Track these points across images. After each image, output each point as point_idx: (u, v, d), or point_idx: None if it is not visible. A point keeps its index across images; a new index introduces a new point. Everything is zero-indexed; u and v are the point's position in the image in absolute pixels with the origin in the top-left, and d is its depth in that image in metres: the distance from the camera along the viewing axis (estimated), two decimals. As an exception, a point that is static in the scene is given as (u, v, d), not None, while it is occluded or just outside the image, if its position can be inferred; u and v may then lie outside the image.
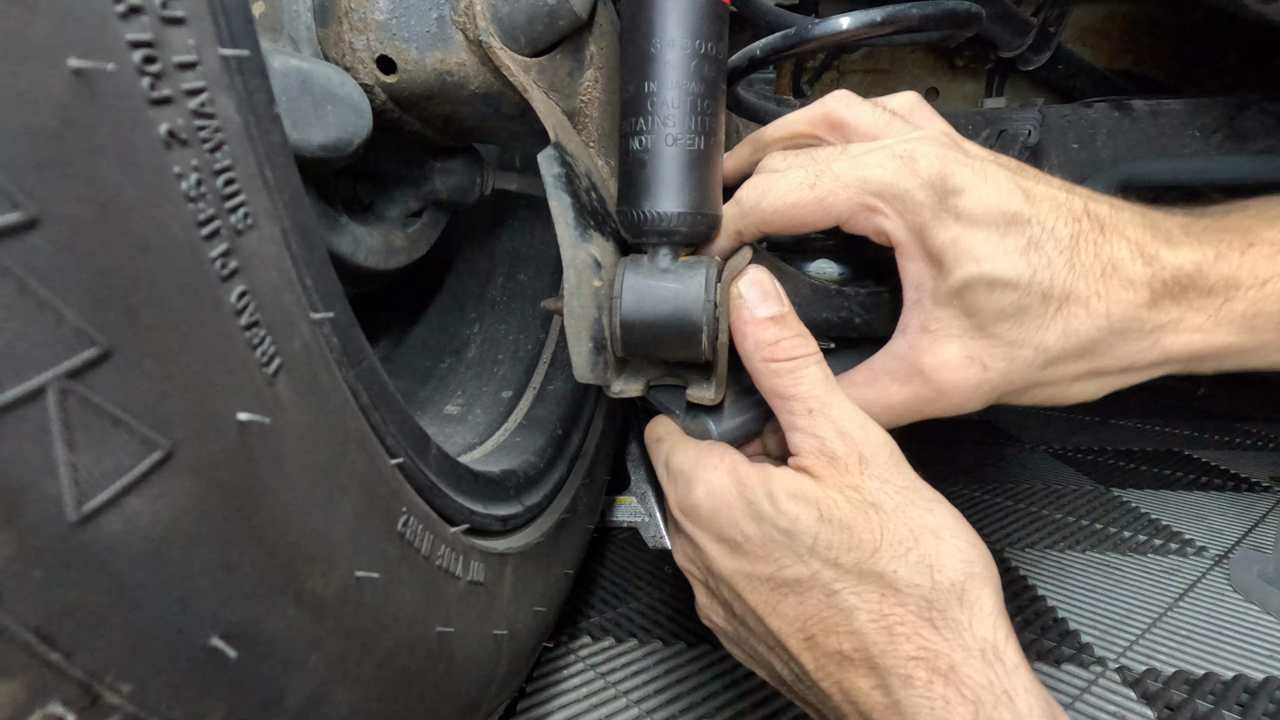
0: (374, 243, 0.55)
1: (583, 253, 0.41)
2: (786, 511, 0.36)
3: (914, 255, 0.36)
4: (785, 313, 0.38)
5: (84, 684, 0.21)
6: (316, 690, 0.30)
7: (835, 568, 0.34)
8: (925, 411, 0.38)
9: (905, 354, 0.37)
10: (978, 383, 0.36)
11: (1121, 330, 0.34)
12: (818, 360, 0.37)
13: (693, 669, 0.77)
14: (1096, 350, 0.35)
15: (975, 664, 0.32)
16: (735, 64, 0.51)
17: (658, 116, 0.38)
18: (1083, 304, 0.34)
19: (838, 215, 0.37)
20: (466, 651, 0.43)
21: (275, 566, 0.27)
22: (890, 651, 0.33)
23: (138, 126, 0.21)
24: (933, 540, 0.34)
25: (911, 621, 0.33)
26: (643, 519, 1.11)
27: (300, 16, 0.46)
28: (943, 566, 0.33)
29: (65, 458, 0.19)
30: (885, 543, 0.34)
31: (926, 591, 0.33)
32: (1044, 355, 0.35)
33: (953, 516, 0.35)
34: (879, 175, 0.36)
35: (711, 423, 0.42)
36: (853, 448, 0.36)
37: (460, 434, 0.67)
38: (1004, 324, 0.35)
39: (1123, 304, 0.34)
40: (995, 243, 0.34)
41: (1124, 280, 0.34)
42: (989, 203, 0.34)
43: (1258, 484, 1.40)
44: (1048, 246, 0.34)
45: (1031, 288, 0.34)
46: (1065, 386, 0.36)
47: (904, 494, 0.35)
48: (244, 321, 0.25)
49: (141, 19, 0.22)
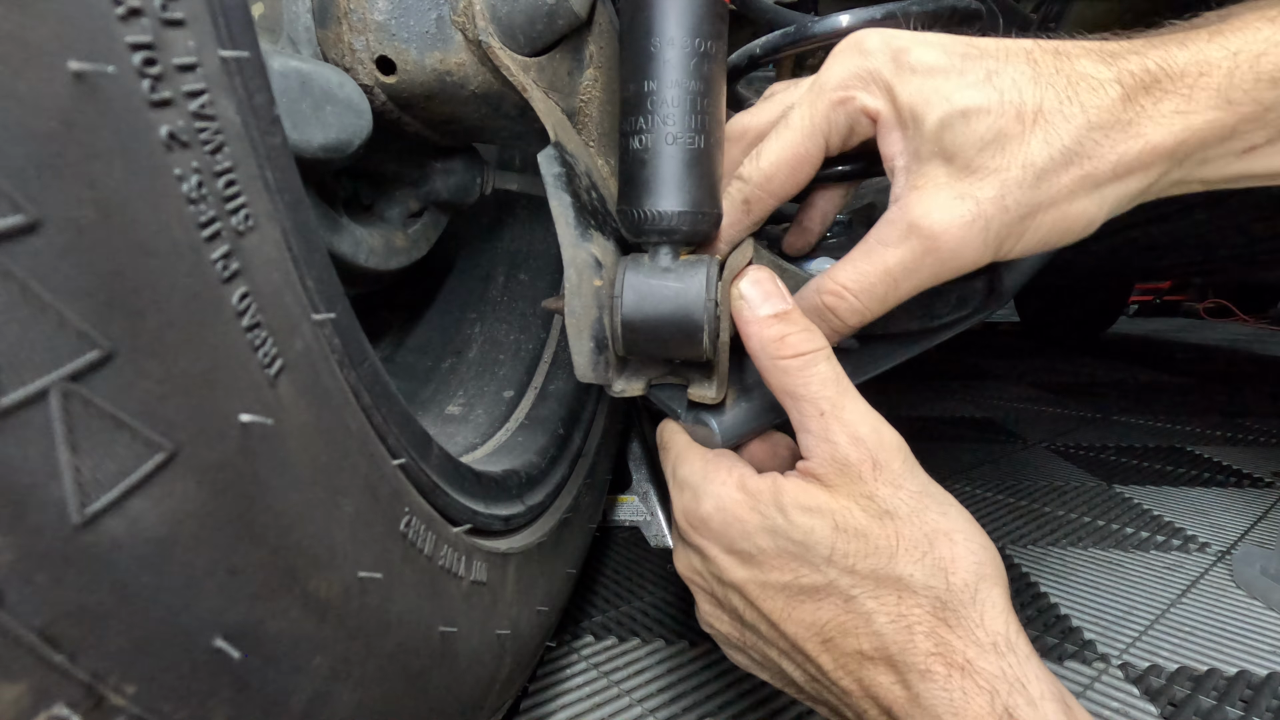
0: (375, 243, 0.55)
1: (583, 252, 0.41)
2: (800, 524, 0.36)
3: (892, 122, 0.37)
4: (789, 309, 0.38)
5: (88, 686, 0.21)
6: (320, 691, 0.30)
7: (852, 574, 0.35)
8: (924, 268, 0.36)
9: (895, 216, 0.37)
10: (972, 217, 0.35)
11: (1100, 125, 0.34)
12: (827, 356, 0.37)
13: (695, 668, 0.77)
14: (1082, 151, 0.34)
15: (989, 656, 0.33)
16: (735, 62, 0.51)
17: (658, 115, 0.38)
18: (1056, 111, 0.34)
19: (822, 131, 0.38)
20: (470, 651, 0.43)
21: (278, 568, 0.27)
22: (910, 649, 0.34)
23: (138, 129, 0.21)
24: (946, 543, 0.35)
25: (929, 620, 0.34)
26: (644, 518, 1.12)
27: (299, 18, 0.46)
28: (957, 568, 0.34)
29: (68, 460, 0.19)
30: (901, 548, 0.35)
31: (942, 592, 0.34)
32: (1032, 171, 0.34)
33: (964, 519, 0.36)
34: (835, 71, 0.38)
35: (713, 422, 0.42)
36: (866, 454, 0.36)
37: (462, 434, 0.68)
38: (985, 153, 0.34)
39: (1095, 101, 0.34)
40: (957, 79, 0.35)
41: (1091, 84, 0.34)
42: (938, 50, 0.36)
43: (1260, 479, 1.40)
44: (1007, 71, 0.35)
45: (1003, 109, 0.34)
46: (1065, 206, 0.35)
47: (917, 499, 0.36)
48: (246, 323, 0.25)
49: (141, 21, 0.22)
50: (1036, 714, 0.32)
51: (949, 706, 0.32)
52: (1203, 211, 1.18)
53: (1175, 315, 4.61)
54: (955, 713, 0.32)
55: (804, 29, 0.48)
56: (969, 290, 0.51)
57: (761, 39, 0.50)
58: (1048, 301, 3.36)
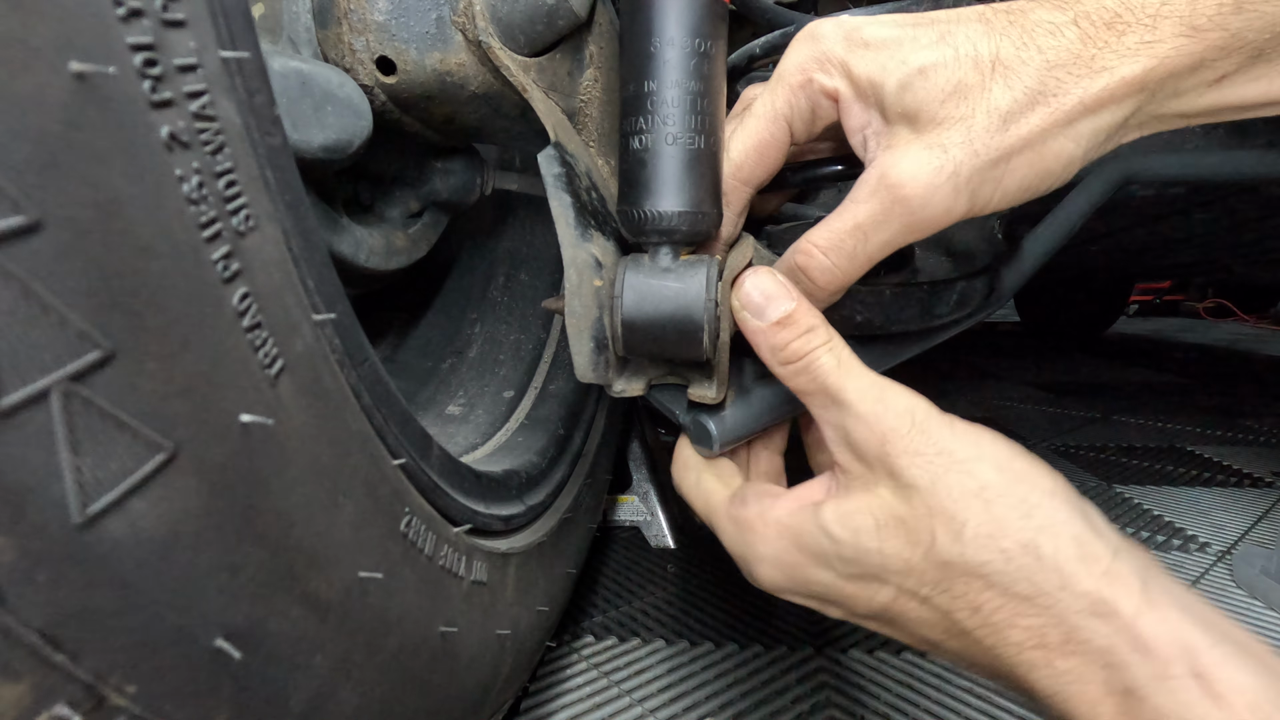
0: (375, 243, 0.55)
1: (583, 252, 0.41)
2: (845, 540, 0.34)
3: (851, 96, 0.37)
4: (790, 311, 0.37)
5: (89, 686, 0.21)
6: (321, 691, 0.30)
7: (912, 574, 0.33)
8: (893, 221, 0.35)
9: (867, 175, 0.36)
10: (939, 164, 0.34)
11: (1061, 64, 0.33)
12: (829, 349, 0.36)
13: (695, 668, 0.77)
14: (1046, 90, 0.33)
15: (1090, 625, 0.29)
16: (735, 62, 0.51)
17: (658, 116, 0.38)
18: (1014, 57, 0.34)
19: (785, 114, 0.38)
20: (470, 651, 0.43)
21: (279, 568, 0.27)
22: (1001, 643, 0.31)
23: (139, 129, 0.21)
24: (980, 506, 0.32)
25: (1006, 604, 0.31)
26: (645, 518, 1.12)
27: (299, 18, 0.46)
28: (1004, 531, 0.31)
29: (69, 460, 0.19)
30: (938, 526, 0.32)
31: (1000, 565, 0.31)
32: (997, 115, 0.34)
33: (994, 468, 0.33)
34: (792, 59, 0.38)
35: (713, 422, 0.42)
36: (873, 431, 0.34)
37: (462, 434, 0.68)
38: (949, 104, 0.34)
39: (1053, 44, 0.33)
40: (910, 43, 0.35)
41: (1048, 29, 0.34)
42: (888, 23, 0.36)
43: (1260, 479, 1.40)
44: (961, 29, 0.35)
45: (960, 61, 0.34)
46: (1039, 147, 0.34)
47: (936, 462, 0.33)
48: (246, 323, 0.25)
49: (142, 22, 0.22)
50: (1162, 691, 0.27)
51: (1064, 695, 0.29)
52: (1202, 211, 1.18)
53: (1175, 315, 4.61)
54: (1072, 700, 0.29)
55: (804, 29, 0.48)
56: (969, 290, 0.51)
57: (761, 39, 0.49)
58: (1048, 301, 3.36)
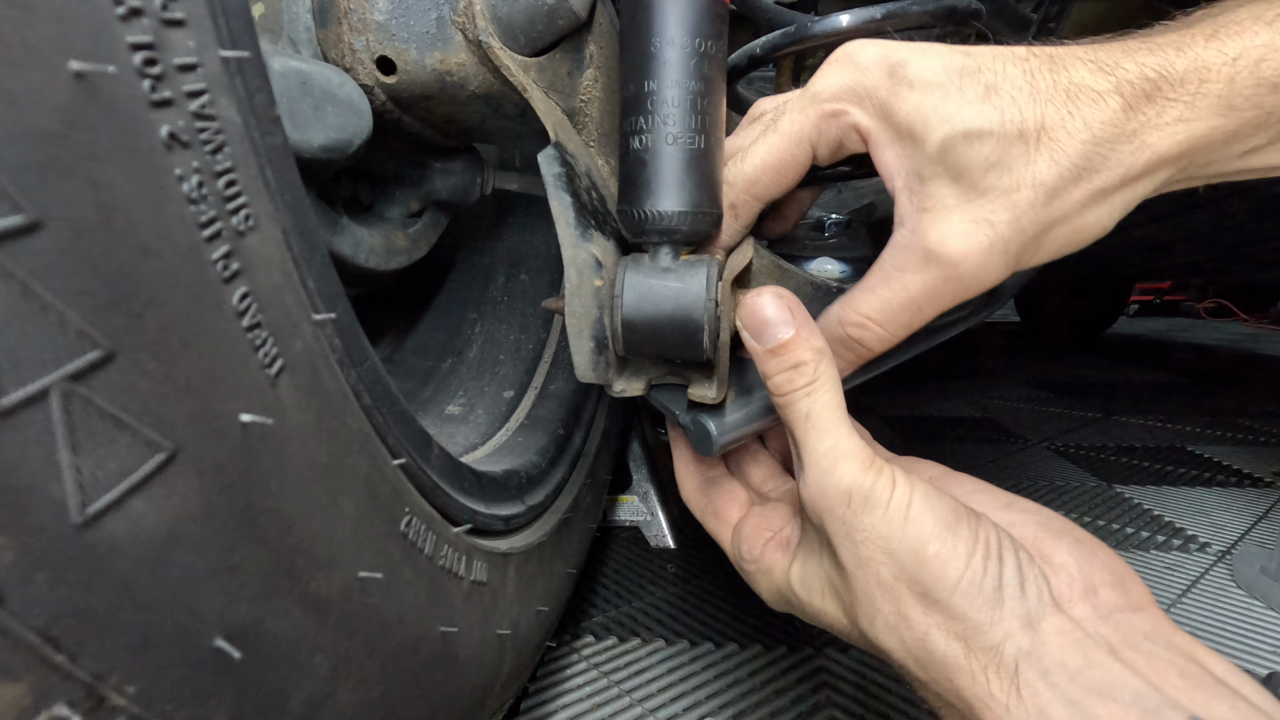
0: (375, 243, 0.55)
1: (584, 252, 0.41)
2: (804, 599, 0.39)
3: (887, 140, 0.36)
4: (783, 342, 0.36)
5: (89, 686, 0.21)
6: (321, 691, 0.30)
7: (851, 636, 0.37)
8: (947, 294, 0.36)
9: (910, 241, 0.36)
10: (990, 242, 0.35)
11: (1105, 139, 0.34)
12: (806, 394, 0.36)
13: (695, 668, 0.77)
14: (1090, 167, 0.34)
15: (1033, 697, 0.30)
16: (735, 62, 0.51)
17: (658, 115, 0.38)
18: (1059, 127, 0.34)
19: (809, 139, 0.38)
20: (470, 651, 0.43)
21: (279, 567, 0.27)
22: (935, 703, 0.34)
23: (139, 129, 0.21)
24: (890, 600, 0.33)
25: (918, 680, 0.34)
26: (645, 518, 1.12)
27: (299, 18, 0.46)
28: (907, 624, 0.33)
29: (69, 460, 0.19)
30: (860, 609, 0.35)
31: (902, 655, 0.34)
32: (1043, 190, 0.34)
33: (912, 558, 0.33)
34: (827, 83, 0.37)
35: (712, 422, 0.42)
36: (813, 504, 0.36)
37: (462, 434, 0.68)
38: (992, 174, 0.34)
39: (1097, 115, 0.33)
40: (955, 97, 0.34)
41: (1091, 96, 0.34)
42: (935, 64, 0.35)
43: (1260, 479, 1.40)
44: (1005, 86, 0.34)
45: (1005, 129, 0.34)
46: (1077, 219, 0.35)
47: (864, 548, 0.34)
48: (246, 323, 0.25)
49: (142, 21, 0.22)
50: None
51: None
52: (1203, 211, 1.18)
53: (1175, 315, 4.61)
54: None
55: (804, 29, 0.48)
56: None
57: (761, 39, 0.49)
58: (1048, 302, 3.36)
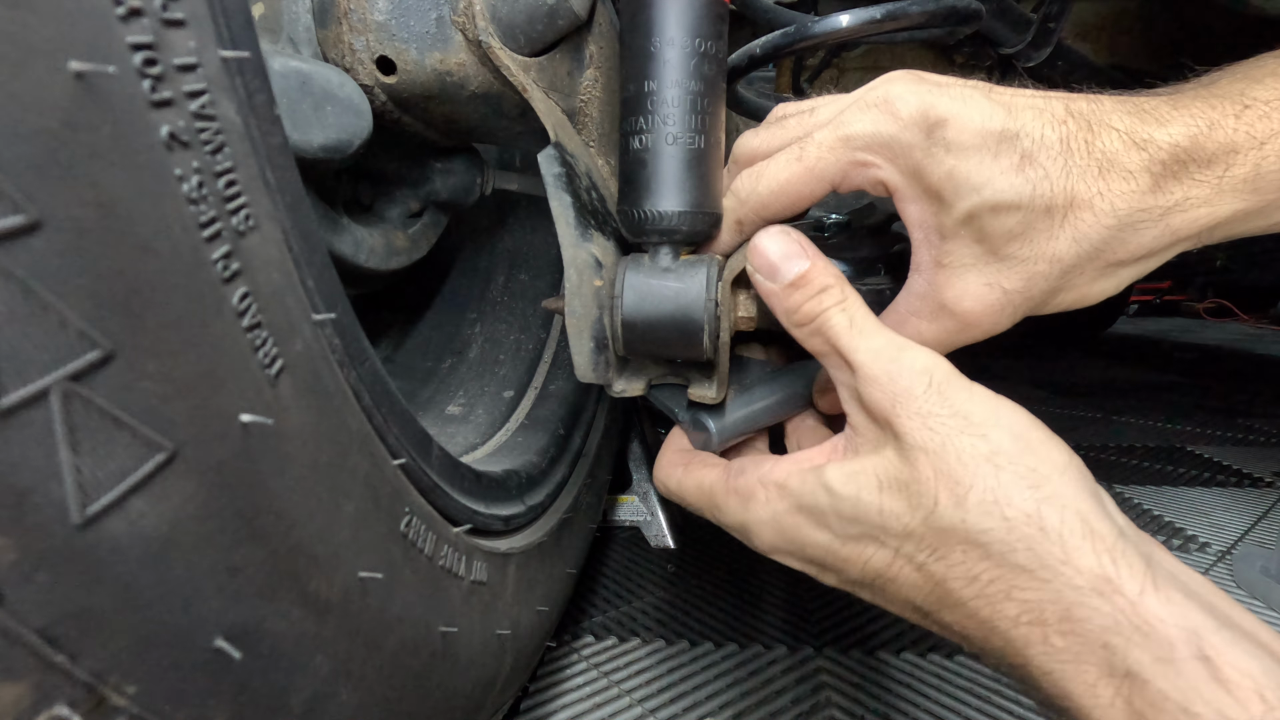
0: (375, 243, 0.55)
1: (584, 252, 0.41)
2: (846, 495, 0.33)
3: (913, 196, 0.36)
4: (804, 271, 0.36)
5: (89, 686, 0.21)
6: (321, 691, 0.30)
7: (910, 538, 0.32)
8: (957, 342, 0.38)
9: (926, 292, 0.37)
10: (1001, 305, 0.36)
11: (1130, 223, 0.34)
12: (841, 308, 0.35)
13: (695, 668, 0.77)
14: (1109, 248, 0.34)
15: (1089, 603, 0.28)
16: (735, 62, 0.51)
17: (658, 115, 0.38)
18: (1087, 207, 0.34)
19: (831, 179, 0.37)
20: (470, 651, 0.43)
21: (279, 568, 0.27)
22: (997, 616, 0.30)
23: (139, 129, 0.21)
24: (989, 472, 0.30)
25: (1002, 576, 0.30)
26: (645, 518, 1.12)
27: (299, 18, 0.46)
28: (1010, 499, 0.30)
29: (69, 460, 0.19)
30: (942, 490, 0.31)
31: (1002, 534, 0.30)
32: (1059, 266, 0.35)
33: (1010, 436, 0.31)
34: (862, 129, 0.35)
35: (712, 421, 0.42)
36: (884, 392, 0.33)
37: (462, 434, 0.68)
38: (1014, 244, 0.34)
39: (1126, 196, 0.33)
40: (990, 165, 0.34)
41: (1122, 172, 0.33)
42: (974, 126, 0.34)
43: (1261, 479, 1.40)
44: (1041, 157, 0.34)
45: (1034, 204, 0.34)
46: (1085, 288, 0.36)
47: (949, 424, 0.32)
48: (246, 323, 0.25)
49: (142, 21, 0.22)
50: (1168, 674, 0.26)
51: (1062, 674, 0.28)
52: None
53: (1175, 315, 4.61)
54: (1070, 679, 0.28)
55: (804, 29, 0.48)
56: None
57: (761, 39, 0.50)
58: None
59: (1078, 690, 0.28)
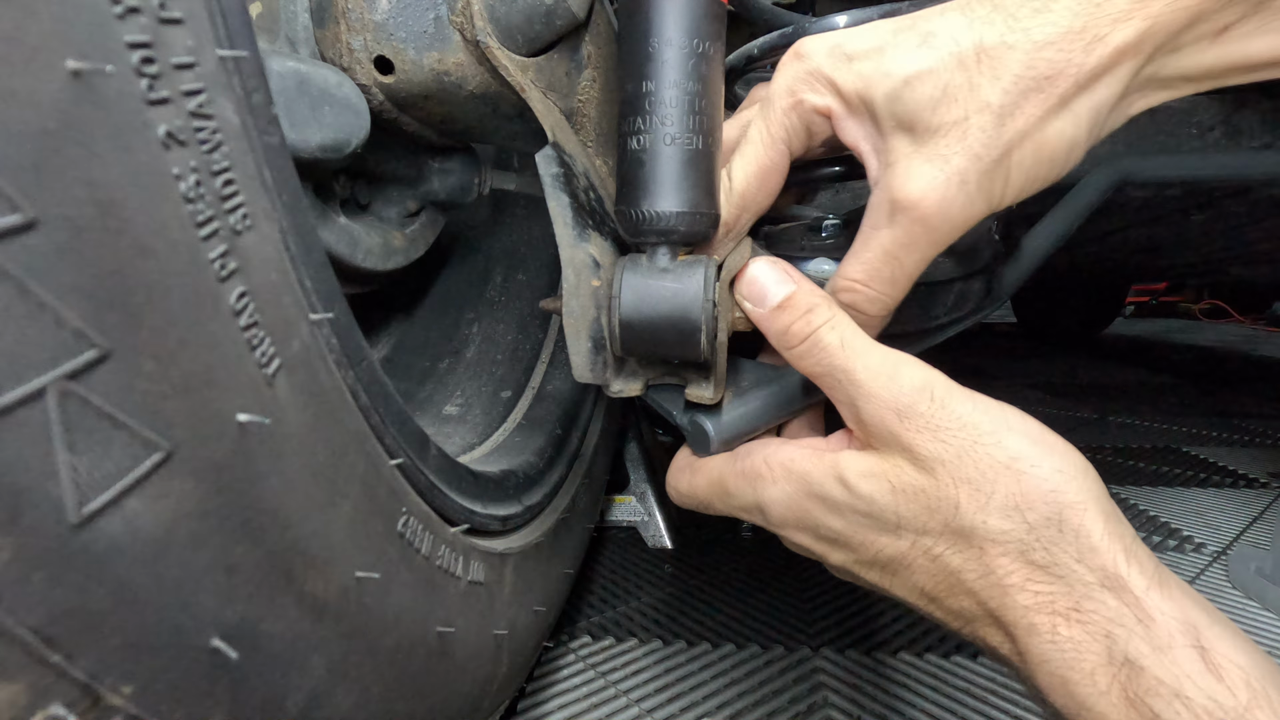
0: (372, 243, 0.55)
1: (581, 252, 0.41)
2: (862, 493, 0.35)
3: (844, 113, 0.37)
4: (788, 296, 0.37)
5: (85, 685, 0.21)
6: (318, 691, 0.30)
7: (928, 534, 0.33)
8: (920, 240, 0.36)
9: (880, 198, 0.36)
10: (945, 176, 0.34)
11: (1048, 42, 0.32)
12: (831, 327, 0.36)
13: (692, 668, 0.77)
14: (1037, 74, 0.33)
15: (1098, 597, 0.30)
16: (733, 63, 0.51)
17: (656, 116, 0.38)
18: (998, 43, 0.33)
19: (782, 137, 0.39)
20: (467, 651, 0.43)
21: (275, 567, 0.27)
22: (1008, 605, 0.31)
23: (136, 127, 0.21)
24: (1010, 478, 0.32)
25: (1020, 570, 0.31)
26: (642, 518, 1.12)
27: (297, 17, 0.46)
28: (1031, 503, 0.31)
29: (66, 460, 0.19)
30: (963, 496, 0.32)
31: (1023, 534, 0.31)
32: (989, 112, 0.33)
33: (1026, 441, 0.33)
34: (785, 77, 0.38)
35: (709, 422, 0.42)
36: (886, 409, 0.34)
37: (459, 434, 0.68)
38: (941, 110, 0.34)
39: (1040, 21, 0.33)
40: (893, 53, 0.35)
41: (1032, 7, 0.33)
42: (870, 33, 0.36)
43: (1256, 480, 1.40)
44: (941, 28, 0.34)
45: (944, 64, 0.34)
46: (1037, 135, 0.34)
47: (960, 436, 0.33)
48: (243, 322, 0.25)
49: (139, 20, 0.22)
50: (1163, 662, 0.28)
51: (1062, 661, 0.30)
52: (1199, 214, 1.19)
53: (1172, 316, 4.62)
54: (1070, 667, 0.30)
55: (801, 30, 0.48)
56: (966, 291, 0.51)
57: (759, 39, 0.50)
58: (1045, 302, 3.37)
59: (1076, 677, 0.30)
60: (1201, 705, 0.27)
